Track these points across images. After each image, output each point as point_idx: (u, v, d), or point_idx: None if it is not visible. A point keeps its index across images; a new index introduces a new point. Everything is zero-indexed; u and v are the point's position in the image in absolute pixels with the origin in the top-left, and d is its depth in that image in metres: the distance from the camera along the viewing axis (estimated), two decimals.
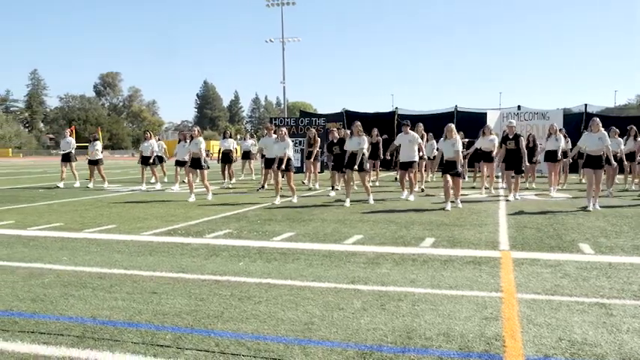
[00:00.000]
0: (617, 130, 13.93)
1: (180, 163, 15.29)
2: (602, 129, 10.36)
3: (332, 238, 7.30)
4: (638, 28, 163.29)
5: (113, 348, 3.36)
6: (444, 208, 10.26)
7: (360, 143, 11.33)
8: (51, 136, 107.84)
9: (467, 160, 12.64)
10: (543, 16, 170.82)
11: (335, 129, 14.87)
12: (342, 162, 11.97)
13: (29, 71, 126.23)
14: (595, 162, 10.26)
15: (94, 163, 17.08)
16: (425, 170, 15.97)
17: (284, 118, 28.05)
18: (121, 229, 8.19)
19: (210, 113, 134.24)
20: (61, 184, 16.85)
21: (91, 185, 16.73)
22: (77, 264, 5.74)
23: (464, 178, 11.14)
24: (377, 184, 16.50)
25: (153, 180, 17.23)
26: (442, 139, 10.94)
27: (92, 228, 8.25)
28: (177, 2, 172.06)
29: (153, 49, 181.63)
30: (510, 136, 12.03)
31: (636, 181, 14.78)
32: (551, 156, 13.93)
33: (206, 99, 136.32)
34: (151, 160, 16.66)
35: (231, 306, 4.22)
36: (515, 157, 11.89)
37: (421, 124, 14.86)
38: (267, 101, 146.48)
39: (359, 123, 11.64)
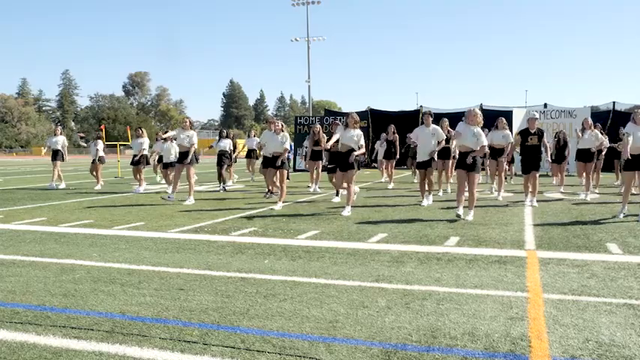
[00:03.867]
0: None
1: (167, 165, 14.45)
2: None
3: (356, 236, 7.31)
4: None
5: (142, 343, 3.44)
6: (462, 217, 8.82)
7: (353, 137, 9.67)
8: (82, 134, 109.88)
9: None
10: (569, 13, 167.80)
11: (339, 123, 13.16)
12: (337, 160, 10.16)
13: (61, 71, 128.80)
14: (637, 162, 8.86)
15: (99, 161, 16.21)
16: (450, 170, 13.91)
17: (309, 117, 28.14)
18: (149, 226, 8.33)
19: (236, 112, 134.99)
20: (62, 185, 16.23)
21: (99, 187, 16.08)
22: (107, 260, 5.87)
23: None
24: (390, 186, 15.65)
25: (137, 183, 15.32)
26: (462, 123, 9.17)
27: (121, 225, 8.41)
28: (204, 2, 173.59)
29: (180, 49, 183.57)
30: (532, 131, 10.70)
31: None
32: (583, 155, 12.44)
33: (232, 98, 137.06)
34: (141, 160, 15.26)
35: (256, 303, 4.27)
36: (536, 155, 10.73)
37: (446, 120, 12.82)
38: (292, 100, 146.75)
39: (355, 114, 9.95)
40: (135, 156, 15.43)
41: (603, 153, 13.90)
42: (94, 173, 16.39)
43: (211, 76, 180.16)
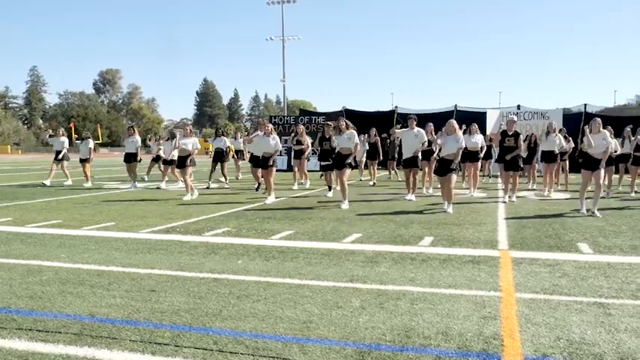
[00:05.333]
0: (612, 130, 13.24)
1: (167, 162, 15.26)
2: (603, 130, 9.67)
3: (331, 236, 7.30)
4: (639, 27, 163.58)
5: (111, 346, 3.36)
6: (445, 211, 9.78)
7: (350, 139, 10.69)
8: (50, 132, 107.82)
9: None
10: (543, 16, 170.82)
11: (331, 123, 13.37)
12: (329, 159, 11.58)
13: (28, 68, 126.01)
14: (595, 163, 9.52)
15: (85, 161, 16.83)
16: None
17: (284, 117, 28.07)
18: (120, 226, 8.18)
19: (210, 111, 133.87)
20: (47, 182, 16.37)
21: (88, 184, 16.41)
22: (75, 261, 5.74)
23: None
24: (372, 183, 16.59)
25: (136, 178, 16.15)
26: (443, 134, 10.41)
27: (91, 225, 8.24)
28: (179, 0, 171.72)
29: (153, 46, 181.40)
30: (509, 133, 11.45)
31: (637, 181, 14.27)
32: (547, 156, 13.31)
33: (206, 97, 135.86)
34: (138, 158, 15.89)
35: (229, 304, 4.21)
36: (515, 156, 11.38)
37: (431, 124, 13.22)
38: (266, 99, 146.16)
39: (344, 119, 11.08)
40: (128, 154, 15.91)
41: (567, 155, 15.07)
42: (84, 171, 16.82)
43: (185, 74, 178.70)
